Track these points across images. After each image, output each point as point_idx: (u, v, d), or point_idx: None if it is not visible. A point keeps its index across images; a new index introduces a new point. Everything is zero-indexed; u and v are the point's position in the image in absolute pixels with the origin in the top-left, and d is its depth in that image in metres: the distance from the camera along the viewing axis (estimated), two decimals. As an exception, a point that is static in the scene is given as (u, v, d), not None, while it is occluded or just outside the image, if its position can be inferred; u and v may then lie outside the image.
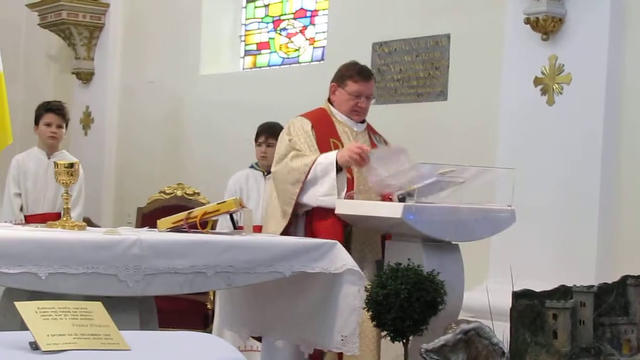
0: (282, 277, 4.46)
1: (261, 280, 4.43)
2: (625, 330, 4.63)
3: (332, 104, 5.37)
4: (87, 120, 10.19)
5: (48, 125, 6.71)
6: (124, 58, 10.01)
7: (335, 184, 5.01)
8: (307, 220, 5.12)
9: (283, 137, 5.29)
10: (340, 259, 4.56)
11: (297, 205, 5.08)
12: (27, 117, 7.79)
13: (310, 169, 5.04)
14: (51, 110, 6.74)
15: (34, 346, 2.72)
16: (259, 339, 5.47)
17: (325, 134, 5.23)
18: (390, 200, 5.09)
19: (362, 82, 5.31)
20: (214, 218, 4.74)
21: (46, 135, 6.71)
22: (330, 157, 5.07)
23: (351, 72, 5.32)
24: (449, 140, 6.94)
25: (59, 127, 6.74)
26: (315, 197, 5.06)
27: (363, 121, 5.44)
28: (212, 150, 8.87)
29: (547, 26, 6.14)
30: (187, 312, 6.73)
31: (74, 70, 10.18)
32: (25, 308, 2.76)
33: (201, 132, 9.11)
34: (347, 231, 5.10)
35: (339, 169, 5.04)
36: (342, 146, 5.21)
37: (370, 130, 5.48)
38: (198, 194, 7.42)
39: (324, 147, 5.18)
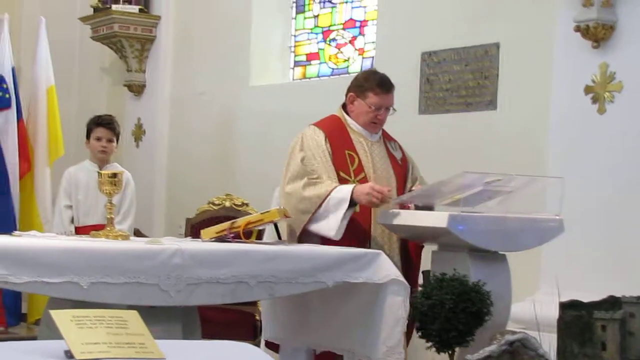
0: (324, 287, 4.43)
1: (304, 290, 4.41)
2: (676, 342, 4.53)
3: (347, 112, 5.31)
4: (138, 132, 10.26)
5: (98, 139, 6.79)
6: (175, 70, 10.07)
7: (340, 223, 4.92)
8: None
9: (295, 150, 5.19)
10: (384, 268, 4.53)
11: (305, 229, 5.04)
12: (80, 130, 7.88)
13: (322, 202, 4.97)
14: (101, 125, 6.82)
15: (69, 355, 2.72)
16: (276, 349, 5.37)
17: (340, 146, 5.17)
18: (408, 209, 5.04)
19: (383, 94, 5.23)
20: (258, 228, 4.74)
21: (97, 149, 6.80)
22: (345, 192, 4.97)
23: (371, 84, 5.23)
24: (498, 150, 6.87)
25: (109, 141, 6.80)
26: (320, 229, 4.99)
27: None
28: (261, 161, 8.87)
29: (597, 34, 6.05)
30: (235, 323, 6.73)
31: (125, 82, 10.26)
32: (60, 316, 2.77)
33: (250, 144, 9.13)
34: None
35: (352, 204, 4.96)
36: (358, 158, 5.16)
37: (385, 137, 5.42)
38: (247, 204, 7.43)
39: (339, 160, 5.13)
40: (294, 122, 8.38)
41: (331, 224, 4.95)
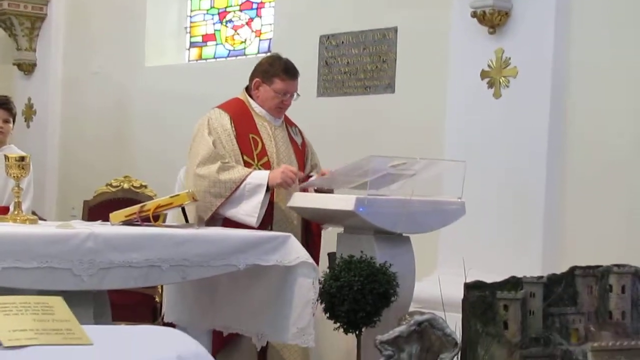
0: (236, 269, 4.47)
1: (216, 273, 4.44)
2: (574, 320, 4.71)
3: (252, 97, 5.35)
4: (29, 112, 10.07)
5: None
6: (67, 49, 9.90)
7: (259, 207, 5.01)
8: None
9: (202, 132, 5.20)
10: (294, 251, 4.59)
11: (215, 214, 5.08)
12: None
13: (238, 187, 5.02)
14: None
15: (-5, 342, 2.69)
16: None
17: (244, 129, 5.22)
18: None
19: (289, 80, 5.30)
20: (166, 212, 4.73)
21: None
22: (262, 178, 5.05)
23: (277, 69, 5.28)
24: (397, 133, 6.98)
25: (6, 121, 6.66)
26: (236, 213, 5.05)
27: None
28: (159, 142, 8.82)
29: (493, 20, 6.19)
30: (136, 306, 6.70)
31: (15, 61, 10.04)
32: (-15, 303, 2.74)
33: (147, 125, 9.05)
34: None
35: (267, 189, 5.04)
36: (261, 142, 5.22)
37: (287, 122, 5.49)
38: (145, 186, 7.38)
39: (243, 144, 5.18)
40: (190, 104, 8.39)
41: (249, 210, 5.00)
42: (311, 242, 5.39)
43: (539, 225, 5.98)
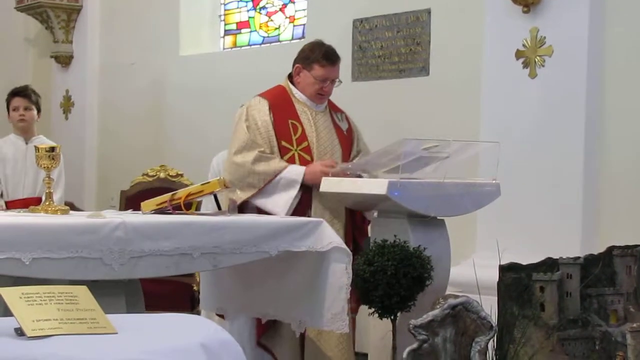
0: (268, 256, 4.44)
1: (247, 260, 4.41)
2: (612, 300, 4.64)
3: (293, 83, 5.33)
4: (67, 104, 10.13)
5: (15, 109, 6.69)
6: (103, 40, 9.94)
7: (290, 202, 5.02)
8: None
9: (241, 120, 5.21)
10: (327, 236, 4.55)
11: (244, 202, 5.08)
12: (4, 105, 7.73)
13: (272, 179, 5.04)
14: (16, 95, 6.73)
15: (20, 332, 2.69)
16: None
17: (284, 116, 5.20)
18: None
19: (329, 67, 5.26)
20: (198, 199, 4.72)
21: (16, 119, 6.70)
22: (298, 173, 5.06)
23: (317, 55, 5.25)
24: (431, 116, 6.93)
25: (27, 109, 6.69)
26: (265, 203, 5.07)
27: None
28: (195, 131, 8.84)
29: (527, -2, 6.13)
30: (173, 295, 6.71)
31: (52, 54, 10.10)
32: (9, 294, 2.73)
33: (183, 113, 9.07)
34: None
35: (302, 185, 5.04)
36: (301, 127, 5.19)
37: (332, 108, 5.44)
38: (181, 175, 7.39)
39: (281, 129, 5.16)
40: (226, 92, 8.39)
41: (280, 203, 5.01)
42: (357, 228, 5.36)
43: (577, 205, 5.91)
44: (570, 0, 6.03)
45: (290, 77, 5.38)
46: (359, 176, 5.20)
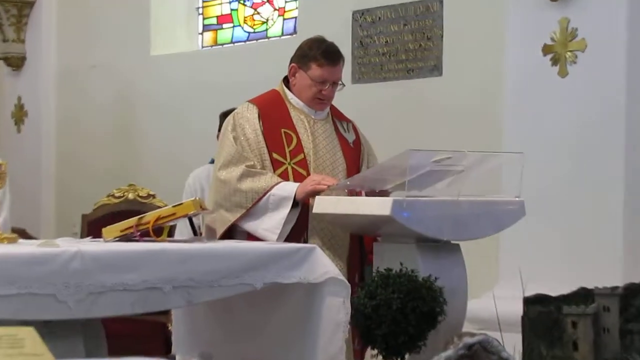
0: (252, 290, 4.44)
1: (227, 295, 4.42)
2: (658, 338, 4.64)
3: (289, 87, 5.34)
4: (19, 114, 10.16)
5: None
6: (61, 39, 9.98)
7: (283, 224, 5.02)
8: None
9: (227, 131, 5.22)
10: (321, 265, 4.55)
11: (233, 225, 5.10)
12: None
13: (261, 198, 5.05)
14: None
15: (-45, 382, 2.69)
16: None
17: (275, 124, 5.20)
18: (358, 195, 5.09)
19: (328, 66, 5.25)
20: (169, 223, 4.73)
21: None
22: (289, 189, 5.05)
23: (315, 53, 5.24)
24: (445, 123, 6.95)
25: None
26: (256, 228, 5.07)
27: None
28: (169, 143, 8.87)
29: (556, -16, 6.16)
30: (144, 336, 6.72)
31: (1, 55, 10.14)
32: (-58, 337, 2.73)
33: (155, 123, 9.10)
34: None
35: (295, 203, 5.04)
36: (296, 137, 5.20)
37: (336, 115, 5.44)
38: (153, 196, 7.40)
39: (272, 140, 5.16)
40: (205, 97, 8.43)
41: (270, 226, 5.02)
42: (365, 255, 5.37)
43: (617, 227, 5.93)
44: (606, -14, 6.07)
45: (286, 80, 5.39)
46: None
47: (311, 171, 5.17)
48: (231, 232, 5.14)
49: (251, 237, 5.09)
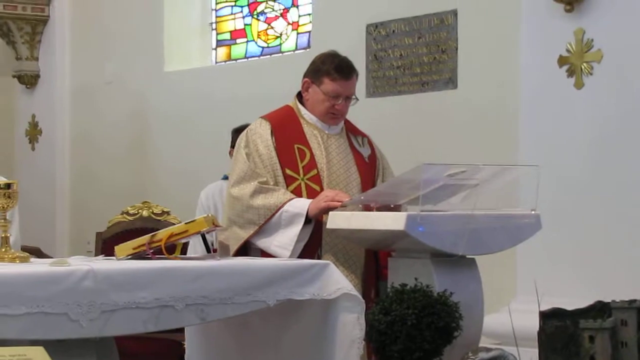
0: (265, 307, 4.45)
1: (240, 312, 4.42)
2: (677, 351, 4.62)
3: (302, 102, 5.36)
4: (33, 132, 10.20)
5: None
6: (75, 56, 10.02)
7: (295, 240, 5.04)
8: None
9: (240, 148, 5.26)
10: (334, 281, 4.55)
11: (248, 242, 5.12)
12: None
13: (273, 214, 5.06)
14: None
15: (-35, 402, 2.71)
16: None
17: (288, 139, 5.21)
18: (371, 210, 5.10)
19: (341, 81, 5.26)
20: (182, 241, 4.74)
21: None
22: (301, 206, 5.07)
23: (328, 67, 5.26)
24: (460, 136, 6.95)
25: None
26: (269, 244, 5.09)
27: None
28: (183, 159, 8.88)
29: (571, -5, 6.16)
30: (159, 355, 6.72)
31: (15, 73, 10.18)
32: (-48, 358, 2.75)
33: (169, 139, 9.12)
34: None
35: (308, 220, 5.06)
36: (310, 152, 5.21)
37: (350, 130, 5.45)
38: (168, 213, 7.40)
39: (285, 156, 5.18)
40: (219, 113, 8.44)
41: (283, 242, 5.03)
42: (380, 270, 5.37)
43: (636, 238, 5.90)
44: (622, -4, 6.07)
45: (299, 95, 5.41)
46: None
47: (325, 187, 5.18)
48: (246, 249, 5.16)
49: (265, 254, 5.11)
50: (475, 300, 4.93)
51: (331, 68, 5.27)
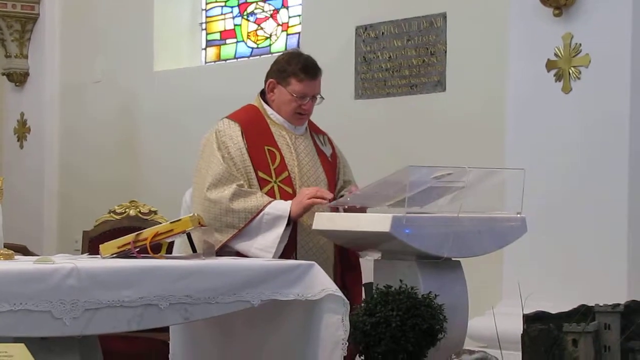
0: (249, 307, 4.44)
1: (225, 312, 4.41)
2: (659, 356, 4.64)
3: (267, 102, 5.34)
4: (22, 130, 10.18)
5: None
6: (64, 54, 10.01)
7: (277, 242, 5.04)
8: None
9: (211, 148, 5.21)
10: (319, 282, 4.55)
11: (225, 246, 5.11)
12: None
13: (254, 217, 5.05)
14: None
15: (-56, 399, 2.70)
16: None
17: (258, 141, 5.20)
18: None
19: (308, 81, 5.24)
20: (167, 240, 4.73)
21: None
22: (283, 209, 5.06)
23: (294, 68, 5.23)
24: (448, 138, 6.96)
25: None
26: (249, 247, 5.08)
27: None
28: (172, 158, 8.87)
29: (559, -1, 6.16)
30: (145, 354, 6.70)
31: (4, 70, 10.17)
32: None
33: (158, 139, 9.11)
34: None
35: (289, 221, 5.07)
36: (280, 154, 5.20)
37: (312, 129, 5.45)
38: (155, 212, 7.39)
39: (257, 158, 5.16)
40: (209, 113, 8.39)
41: (265, 244, 5.02)
42: (349, 273, 5.36)
43: (622, 242, 5.92)
44: (609, 0, 6.06)
45: (263, 94, 5.39)
46: (361, 209, 5.21)
47: (297, 188, 5.18)
48: (220, 252, 5.13)
49: (242, 256, 5.09)
50: (460, 303, 4.95)
51: (297, 68, 5.25)
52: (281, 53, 5.51)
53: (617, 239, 5.94)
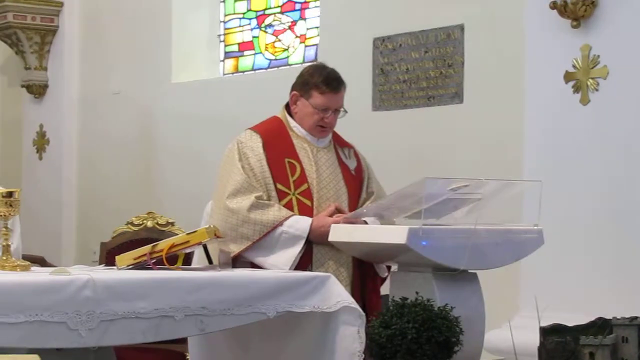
0: (265, 318, 4.45)
1: (240, 323, 4.42)
2: (678, 369, 4.61)
3: (291, 114, 5.35)
4: (41, 142, 10.21)
5: None
6: (83, 66, 10.04)
7: (293, 260, 5.04)
8: None
9: (232, 158, 5.23)
10: (335, 294, 4.56)
11: (240, 256, 5.10)
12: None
13: (269, 232, 5.05)
14: None
15: (-42, 410, 2.70)
16: None
17: (279, 153, 5.21)
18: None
19: (330, 94, 5.25)
20: (183, 251, 4.74)
21: None
22: (302, 229, 5.07)
23: (317, 80, 5.25)
24: (466, 150, 6.94)
25: None
26: (264, 261, 5.07)
27: None
28: (188, 172, 8.88)
29: (577, 10, 6.14)
30: (161, 365, 6.70)
31: (23, 82, 10.20)
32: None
33: (175, 150, 9.12)
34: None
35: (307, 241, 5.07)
36: (300, 166, 5.20)
37: (337, 142, 5.44)
38: (172, 224, 7.39)
39: (277, 170, 5.17)
40: (226, 125, 8.43)
41: (281, 262, 5.02)
42: (369, 285, 5.35)
43: (638, 256, 5.88)
44: (628, 12, 6.05)
45: (287, 107, 5.40)
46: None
47: (315, 201, 5.17)
48: (234, 262, 5.12)
49: (255, 267, 5.09)
50: (476, 315, 4.93)
51: (320, 81, 5.26)
52: (306, 66, 5.50)
53: (634, 251, 5.91)
